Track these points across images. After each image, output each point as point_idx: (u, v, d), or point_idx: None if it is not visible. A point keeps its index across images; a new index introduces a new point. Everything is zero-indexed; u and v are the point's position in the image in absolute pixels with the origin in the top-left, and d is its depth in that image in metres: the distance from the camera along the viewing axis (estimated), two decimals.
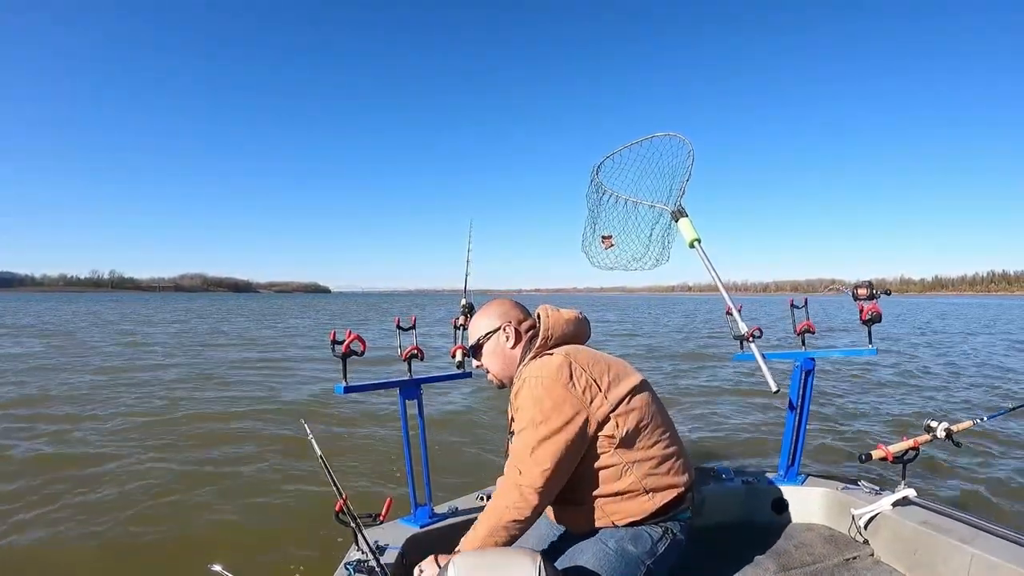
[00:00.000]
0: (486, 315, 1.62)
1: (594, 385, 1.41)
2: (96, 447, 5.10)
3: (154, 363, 10.87)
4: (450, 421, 5.99)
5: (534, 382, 1.41)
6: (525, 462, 1.36)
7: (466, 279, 2.28)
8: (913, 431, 2.02)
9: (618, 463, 1.42)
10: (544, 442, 1.35)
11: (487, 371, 1.63)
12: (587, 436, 1.39)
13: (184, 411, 6.54)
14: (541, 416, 1.37)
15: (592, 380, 1.41)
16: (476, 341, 1.61)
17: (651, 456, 1.44)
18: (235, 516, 3.59)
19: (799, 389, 2.22)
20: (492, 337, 1.59)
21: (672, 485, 1.46)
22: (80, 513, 3.62)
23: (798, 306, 2.33)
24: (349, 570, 1.50)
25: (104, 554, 3.14)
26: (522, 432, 1.39)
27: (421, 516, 1.94)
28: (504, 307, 1.63)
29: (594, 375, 1.42)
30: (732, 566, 1.79)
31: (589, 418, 1.38)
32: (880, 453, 1.93)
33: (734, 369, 9.59)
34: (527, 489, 1.35)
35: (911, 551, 1.76)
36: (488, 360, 1.60)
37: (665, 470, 1.46)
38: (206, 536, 3.33)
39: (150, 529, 3.42)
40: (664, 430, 1.49)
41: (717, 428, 5.82)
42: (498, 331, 1.58)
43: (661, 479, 1.45)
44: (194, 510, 3.67)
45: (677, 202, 1.93)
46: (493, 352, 1.59)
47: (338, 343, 1.77)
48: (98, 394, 7.56)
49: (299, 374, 9.66)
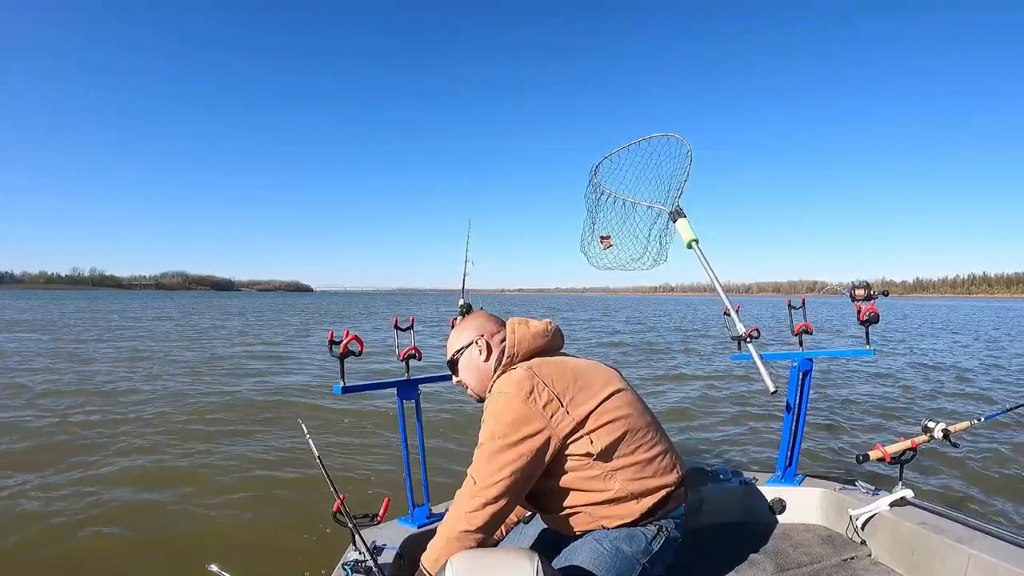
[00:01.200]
0: (461, 329, 1.62)
1: (556, 401, 1.40)
2: (93, 440, 5.10)
3: (150, 359, 10.86)
4: (448, 421, 6.00)
5: (496, 397, 1.42)
6: (480, 473, 1.37)
7: (464, 279, 2.28)
8: (911, 431, 2.02)
9: (599, 473, 1.42)
10: (499, 454, 1.36)
11: (465, 386, 1.62)
12: (546, 452, 1.38)
13: (182, 409, 6.53)
14: (500, 430, 1.37)
15: (554, 395, 1.40)
16: (451, 356, 1.62)
17: (635, 461, 1.44)
18: (232, 515, 3.59)
19: (797, 389, 2.23)
20: (466, 351, 1.59)
21: (661, 486, 1.46)
22: (75, 510, 3.61)
23: (796, 307, 2.33)
24: (347, 570, 1.50)
25: (99, 553, 3.14)
26: (481, 445, 1.40)
27: (419, 516, 1.94)
28: (478, 320, 1.63)
29: (557, 390, 1.41)
30: (730, 566, 1.79)
31: (551, 435, 1.38)
32: (878, 453, 1.93)
33: (732, 368, 9.60)
34: (479, 500, 1.35)
35: (909, 552, 1.76)
36: (464, 375, 1.61)
37: (651, 472, 1.45)
38: (203, 535, 3.33)
39: (146, 527, 3.42)
40: (645, 432, 1.48)
41: (715, 428, 5.82)
42: (471, 345, 1.58)
43: (647, 482, 1.44)
44: (191, 508, 3.67)
45: (675, 202, 1.93)
46: (468, 367, 1.59)
47: (336, 343, 1.77)
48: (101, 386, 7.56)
49: (298, 374, 9.65)
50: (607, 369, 1.57)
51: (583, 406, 1.41)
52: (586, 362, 1.57)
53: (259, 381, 8.76)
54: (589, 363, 1.56)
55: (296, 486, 4.04)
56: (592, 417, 1.41)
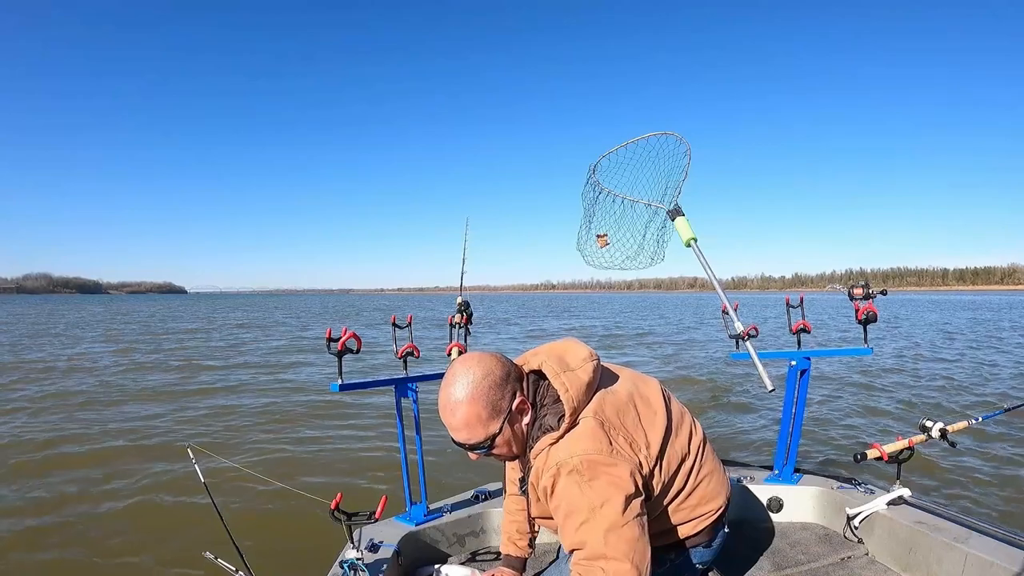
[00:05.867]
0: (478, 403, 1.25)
1: (635, 443, 1.29)
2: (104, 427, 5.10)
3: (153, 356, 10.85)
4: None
5: (575, 463, 1.20)
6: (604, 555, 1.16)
7: (462, 277, 2.28)
8: (908, 431, 2.02)
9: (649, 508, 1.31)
10: (615, 527, 1.16)
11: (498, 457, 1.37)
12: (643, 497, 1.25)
13: (180, 406, 6.53)
14: (600, 498, 1.18)
15: (632, 437, 1.29)
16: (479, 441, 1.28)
17: (685, 490, 1.39)
18: (230, 511, 3.59)
19: (794, 388, 2.23)
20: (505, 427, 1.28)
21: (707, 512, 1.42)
22: (81, 500, 3.61)
23: (794, 305, 2.33)
24: (344, 567, 1.50)
25: (100, 541, 3.15)
26: (582, 526, 1.18)
27: (416, 514, 1.95)
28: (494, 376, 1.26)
29: (630, 429, 1.29)
30: (727, 565, 1.79)
31: (641, 479, 1.26)
32: (875, 452, 1.93)
33: (730, 367, 9.60)
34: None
35: (906, 550, 1.76)
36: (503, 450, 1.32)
37: (697, 500, 1.41)
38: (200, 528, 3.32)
39: (146, 521, 3.42)
40: (695, 455, 1.41)
41: (713, 427, 5.82)
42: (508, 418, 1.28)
43: (693, 510, 1.40)
44: (189, 505, 3.67)
45: (673, 201, 1.93)
46: (507, 442, 1.31)
47: (334, 341, 1.77)
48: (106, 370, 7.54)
49: (295, 373, 9.64)
50: (651, 383, 1.46)
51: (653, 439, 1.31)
52: (630, 380, 1.44)
53: (257, 379, 8.72)
54: (634, 379, 1.45)
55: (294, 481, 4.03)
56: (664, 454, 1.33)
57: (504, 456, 1.35)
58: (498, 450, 1.31)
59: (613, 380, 1.41)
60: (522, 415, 1.31)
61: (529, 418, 1.32)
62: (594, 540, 1.17)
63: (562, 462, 1.22)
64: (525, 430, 1.32)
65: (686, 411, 1.49)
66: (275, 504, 3.69)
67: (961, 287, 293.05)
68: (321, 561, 1.78)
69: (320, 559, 2.40)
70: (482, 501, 2.10)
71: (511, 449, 1.33)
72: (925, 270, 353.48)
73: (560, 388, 1.28)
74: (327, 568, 1.56)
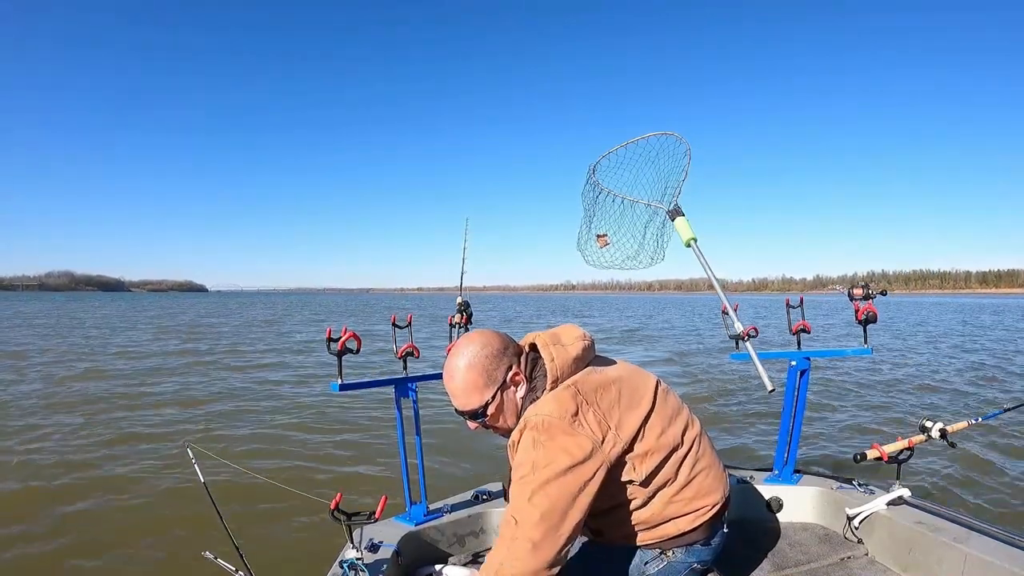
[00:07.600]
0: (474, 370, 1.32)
1: (604, 421, 1.27)
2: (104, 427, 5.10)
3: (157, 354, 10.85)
4: (446, 419, 5.99)
5: (535, 420, 1.25)
6: (522, 511, 1.19)
7: (462, 277, 2.28)
8: (908, 431, 2.02)
9: (637, 498, 1.34)
10: (545, 486, 1.18)
11: (495, 429, 1.40)
12: (598, 479, 1.23)
13: (178, 406, 6.53)
14: (545, 459, 1.20)
15: (602, 415, 1.28)
16: (476, 408, 1.33)
17: (677, 484, 1.37)
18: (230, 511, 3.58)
19: (794, 388, 2.23)
20: (498, 395, 1.34)
21: (699, 508, 1.40)
22: (81, 500, 3.61)
23: (794, 306, 2.33)
24: (344, 567, 1.50)
25: (100, 541, 3.15)
26: (522, 479, 1.21)
27: (416, 514, 1.95)
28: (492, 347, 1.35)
29: (603, 407, 1.29)
30: (727, 565, 1.79)
31: (602, 461, 1.24)
32: (875, 453, 1.93)
33: (729, 367, 9.60)
34: (523, 542, 1.16)
35: (906, 551, 1.76)
36: (496, 420, 1.37)
37: (692, 493, 1.38)
38: (200, 528, 3.32)
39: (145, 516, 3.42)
40: (689, 448, 1.40)
41: (712, 427, 5.82)
42: (502, 387, 1.34)
43: (688, 504, 1.38)
44: (189, 505, 3.67)
45: (673, 201, 1.92)
46: (500, 410, 1.36)
47: (334, 340, 1.77)
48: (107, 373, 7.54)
49: (295, 372, 9.65)
50: (646, 376, 1.46)
51: (628, 423, 1.30)
52: (625, 368, 1.45)
53: (255, 377, 8.73)
54: (628, 369, 1.45)
55: (293, 481, 4.02)
56: (638, 438, 1.31)
57: (500, 428, 1.39)
58: (492, 420, 1.36)
59: (606, 364, 1.45)
60: (516, 387, 1.36)
61: (524, 391, 1.37)
62: (519, 497, 1.21)
63: (528, 419, 1.28)
64: (519, 402, 1.37)
65: (685, 406, 1.49)
66: (275, 504, 3.68)
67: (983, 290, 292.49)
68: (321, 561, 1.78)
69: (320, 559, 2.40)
70: (482, 501, 2.10)
71: (504, 420, 1.37)
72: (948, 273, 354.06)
73: (547, 357, 1.35)
74: (327, 568, 1.56)
